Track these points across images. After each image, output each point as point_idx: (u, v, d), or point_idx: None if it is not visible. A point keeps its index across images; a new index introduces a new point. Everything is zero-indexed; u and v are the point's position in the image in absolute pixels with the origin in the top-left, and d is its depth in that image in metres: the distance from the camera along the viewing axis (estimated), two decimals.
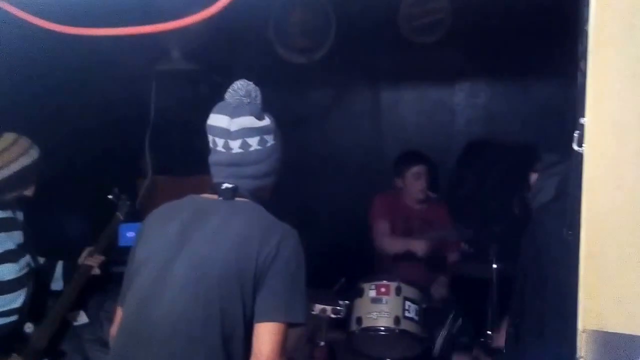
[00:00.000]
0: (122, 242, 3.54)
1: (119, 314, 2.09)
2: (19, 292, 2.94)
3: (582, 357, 1.48)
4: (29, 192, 2.98)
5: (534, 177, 2.49)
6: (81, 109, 3.75)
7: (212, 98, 2.16)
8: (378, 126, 4.78)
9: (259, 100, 2.10)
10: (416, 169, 4.09)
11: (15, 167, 2.88)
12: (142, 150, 4.44)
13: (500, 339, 2.92)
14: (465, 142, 3.12)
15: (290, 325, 1.95)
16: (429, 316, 3.40)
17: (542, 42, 3.95)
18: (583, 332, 1.48)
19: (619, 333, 1.45)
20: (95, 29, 1.95)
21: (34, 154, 2.95)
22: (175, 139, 4.44)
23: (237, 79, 2.13)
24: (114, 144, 4.07)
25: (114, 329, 2.11)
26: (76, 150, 3.75)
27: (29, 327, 2.99)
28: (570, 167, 1.58)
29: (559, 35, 2.42)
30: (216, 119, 2.07)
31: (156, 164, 4.46)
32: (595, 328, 1.47)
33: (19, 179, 2.90)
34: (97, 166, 3.94)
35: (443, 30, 4.25)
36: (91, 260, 3.28)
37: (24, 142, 2.95)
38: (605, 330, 1.46)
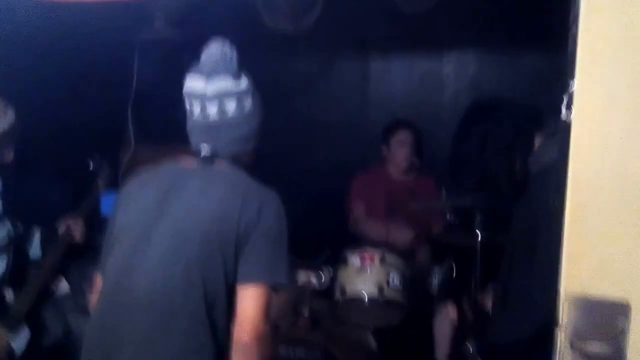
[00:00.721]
0: (105, 211, 3.51)
1: (99, 282, 2.07)
2: None
3: (563, 322, 1.47)
4: (7, 157, 2.91)
5: (538, 140, 2.46)
6: (63, 77, 3.68)
7: None
8: (366, 96, 4.75)
9: (235, 60, 2.02)
10: (401, 135, 4.09)
11: None
12: (125, 119, 4.40)
13: (486, 301, 2.93)
14: (470, 102, 3.11)
15: (273, 288, 1.93)
16: (414, 284, 3.41)
17: (532, 11, 3.92)
18: (564, 297, 1.47)
19: (601, 299, 1.44)
20: None
21: (10, 117, 2.87)
22: (159, 108, 4.39)
23: None
24: (97, 113, 4.01)
25: (93, 297, 2.08)
26: (58, 119, 3.68)
27: (9, 295, 2.97)
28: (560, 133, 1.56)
29: (549, 3, 2.38)
30: (192, 82, 2.02)
31: (139, 133, 4.42)
32: (577, 294, 1.46)
33: None
34: (79, 135, 3.88)
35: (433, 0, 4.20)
36: (72, 227, 3.24)
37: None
38: (587, 296, 1.45)
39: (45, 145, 3.52)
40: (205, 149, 2.02)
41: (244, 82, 2.04)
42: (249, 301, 1.87)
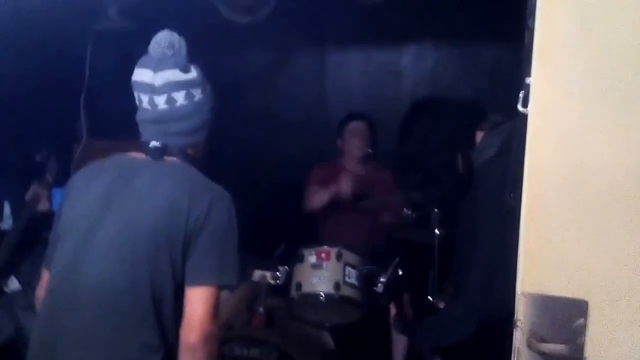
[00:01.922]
0: (55, 207, 3.42)
1: (45, 277, 2.04)
2: None
3: (519, 320, 1.45)
4: None
5: (479, 135, 2.46)
6: (14, 69, 3.57)
7: None
8: (323, 89, 4.71)
9: (183, 51, 1.99)
10: (353, 125, 4.10)
11: None
12: (77, 112, 4.30)
13: (439, 300, 2.91)
14: (410, 101, 3.10)
15: (222, 288, 1.92)
16: (370, 282, 3.37)
17: (491, 2, 3.91)
18: (521, 295, 1.45)
19: (557, 296, 1.43)
20: None
21: None
22: (112, 101, 4.29)
23: None
24: (48, 106, 3.91)
25: (39, 292, 2.06)
26: (8, 112, 3.58)
27: None
28: (515, 127, 1.55)
29: None
30: (140, 74, 1.99)
31: (92, 127, 4.33)
32: (534, 291, 1.44)
33: None
34: (30, 129, 3.78)
35: None
36: (39, 193, 3.27)
37: None
38: (544, 293, 1.44)
39: None
40: (154, 142, 1.99)
41: (192, 74, 2.01)
42: (197, 301, 1.86)
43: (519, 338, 1.46)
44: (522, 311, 1.45)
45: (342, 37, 4.57)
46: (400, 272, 3.07)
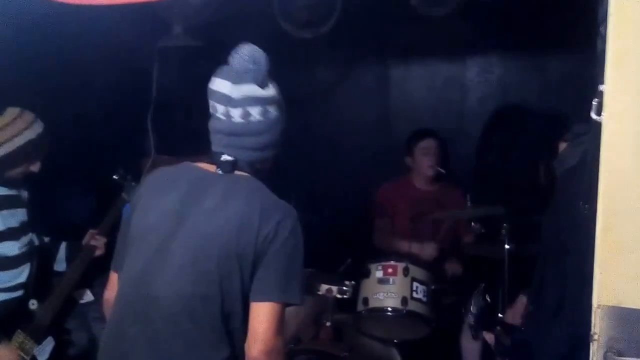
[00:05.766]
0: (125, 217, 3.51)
1: (114, 278, 2.08)
2: (22, 267, 2.98)
3: (596, 334, 1.42)
4: (34, 167, 2.97)
5: (562, 146, 2.42)
6: (82, 87, 3.69)
7: None
8: (386, 103, 4.67)
9: (265, 67, 1.98)
10: (424, 143, 4.04)
11: (19, 141, 2.87)
12: (144, 129, 4.39)
13: (514, 315, 2.84)
14: (493, 110, 3.04)
15: (286, 305, 1.94)
16: (439, 297, 3.34)
17: (559, 12, 3.83)
18: (598, 307, 1.41)
19: (635, 309, 1.39)
20: None
21: (38, 128, 2.94)
22: (178, 117, 4.37)
23: None
24: (117, 123, 4.01)
25: (109, 293, 2.10)
26: (78, 130, 3.69)
27: (33, 304, 3.03)
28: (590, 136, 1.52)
29: (577, 4, 2.32)
30: (218, 84, 1.99)
31: (159, 143, 4.41)
32: (610, 304, 1.41)
33: (24, 153, 2.89)
34: (100, 146, 3.89)
35: (454, 2, 4.12)
36: (95, 241, 3.28)
37: (28, 116, 2.93)
38: (620, 305, 1.40)
39: (66, 158, 3.52)
40: (225, 155, 2.00)
41: (270, 91, 2.01)
42: (260, 316, 1.88)
43: (595, 352, 1.42)
44: (598, 324, 1.42)
45: (406, 50, 4.53)
46: (488, 299, 2.97)
